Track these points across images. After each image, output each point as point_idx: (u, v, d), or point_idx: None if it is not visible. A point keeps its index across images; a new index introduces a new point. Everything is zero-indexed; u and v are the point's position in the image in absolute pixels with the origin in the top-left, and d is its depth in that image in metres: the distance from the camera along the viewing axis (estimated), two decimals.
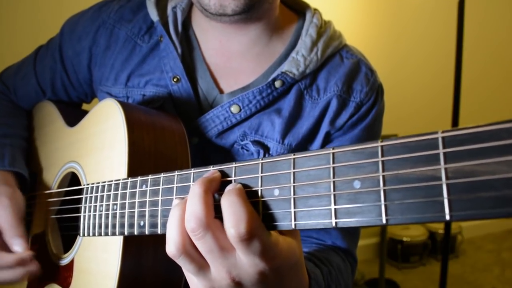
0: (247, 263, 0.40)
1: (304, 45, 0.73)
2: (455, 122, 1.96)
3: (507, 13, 3.42)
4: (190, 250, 0.42)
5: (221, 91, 0.75)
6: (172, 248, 0.42)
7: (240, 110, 0.71)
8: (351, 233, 0.77)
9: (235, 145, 0.72)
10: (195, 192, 0.41)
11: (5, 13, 1.80)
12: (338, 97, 0.73)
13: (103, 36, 0.80)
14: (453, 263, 2.89)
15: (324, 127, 0.74)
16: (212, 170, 0.44)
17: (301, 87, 0.74)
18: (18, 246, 0.66)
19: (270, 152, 0.72)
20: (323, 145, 0.76)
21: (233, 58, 0.76)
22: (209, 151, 0.74)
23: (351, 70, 0.75)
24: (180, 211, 0.43)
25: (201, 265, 0.42)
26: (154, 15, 0.77)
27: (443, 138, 0.30)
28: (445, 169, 0.30)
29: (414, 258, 2.94)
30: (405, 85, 3.08)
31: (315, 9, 0.80)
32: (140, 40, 0.78)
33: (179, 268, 0.48)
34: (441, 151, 0.30)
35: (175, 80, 0.73)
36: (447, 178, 0.30)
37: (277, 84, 0.71)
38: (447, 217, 0.29)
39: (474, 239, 3.35)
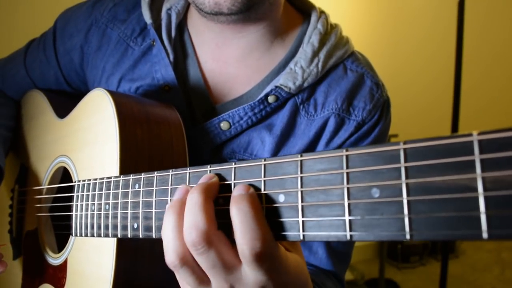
0: (253, 280, 0.36)
1: (304, 55, 0.66)
2: (455, 124, 1.93)
3: (508, 14, 3.31)
4: (191, 261, 0.38)
5: (214, 101, 0.70)
6: (173, 258, 0.38)
7: (230, 127, 0.66)
8: (342, 260, 0.71)
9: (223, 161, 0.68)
10: (195, 201, 0.37)
11: (4, 10, 1.73)
12: (336, 116, 0.66)
13: (95, 35, 0.75)
14: (453, 263, 2.83)
15: (320, 149, 0.67)
16: (210, 174, 0.40)
17: (297, 101, 0.67)
18: None
19: None
20: None
21: (230, 63, 0.70)
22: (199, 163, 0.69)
23: (354, 85, 0.68)
24: (176, 215, 0.39)
25: (202, 278, 0.39)
26: (147, 17, 0.72)
27: (479, 141, 0.25)
28: (483, 178, 0.25)
29: (414, 258, 2.91)
30: (406, 87, 3.01)
31: (322, 12, 0.72)
32: (133, 42, 0.73)
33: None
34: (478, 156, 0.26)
35: (166, 88, 0.69)
36: (484, 189, 0.25)
37: (271, 99, 0.65)
38: (485, 235, 0.25)
39: None
